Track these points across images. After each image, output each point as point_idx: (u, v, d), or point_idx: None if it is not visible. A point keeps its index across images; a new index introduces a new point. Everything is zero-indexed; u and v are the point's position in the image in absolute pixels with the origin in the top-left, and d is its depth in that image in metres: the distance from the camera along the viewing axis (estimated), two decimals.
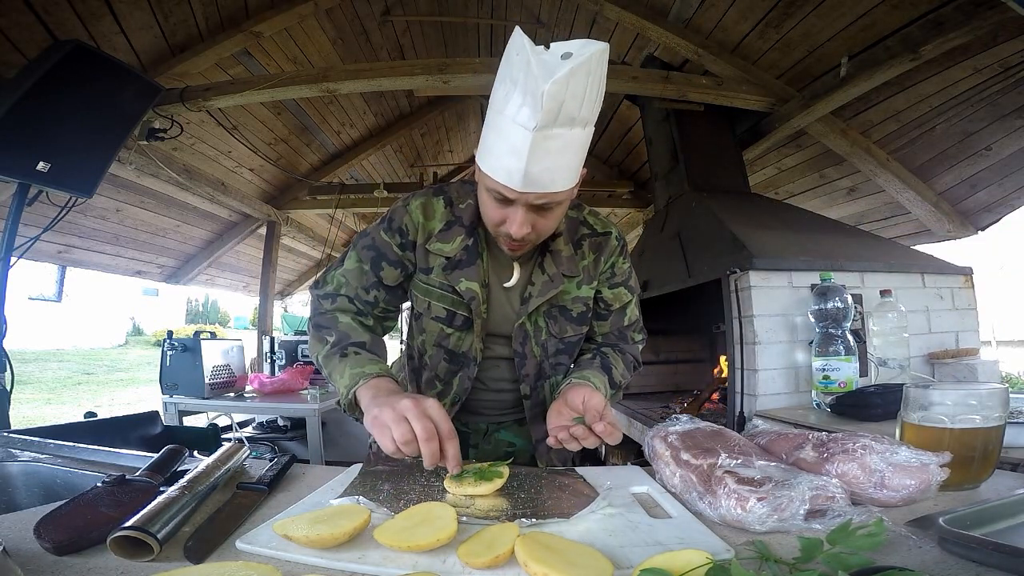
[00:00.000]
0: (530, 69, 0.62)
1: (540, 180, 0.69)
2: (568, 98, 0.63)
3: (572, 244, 0.92)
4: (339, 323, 0.87)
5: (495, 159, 0.71)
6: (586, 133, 0.70)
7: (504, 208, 0.76)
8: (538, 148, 0.66)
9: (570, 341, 0.95)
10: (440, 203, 0.89)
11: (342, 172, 4.57)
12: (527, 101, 0.64)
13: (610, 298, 0.97)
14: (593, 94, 0.66)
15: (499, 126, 0.69)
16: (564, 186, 0.72)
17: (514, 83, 0.65)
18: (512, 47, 0.66)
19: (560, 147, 0.67)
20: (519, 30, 0.65)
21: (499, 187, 0.72)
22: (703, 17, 2.53)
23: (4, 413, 1.81)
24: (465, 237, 0.87)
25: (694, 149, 2.68)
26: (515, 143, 0.67)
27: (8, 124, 1.71)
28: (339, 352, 0.82)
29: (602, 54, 0.65)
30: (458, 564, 0.48)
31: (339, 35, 3.23)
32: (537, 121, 0.64)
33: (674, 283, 2.21)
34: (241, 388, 2.87)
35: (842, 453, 0.62)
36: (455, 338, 0.91)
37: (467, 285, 0.86)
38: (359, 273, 0.90)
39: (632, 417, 2.55)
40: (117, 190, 3.20)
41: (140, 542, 0.49)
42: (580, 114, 0.66)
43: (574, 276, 0.91)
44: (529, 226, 0.76)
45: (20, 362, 2.83)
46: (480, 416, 1.00)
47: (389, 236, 0.89)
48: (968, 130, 2.35)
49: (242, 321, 20.72)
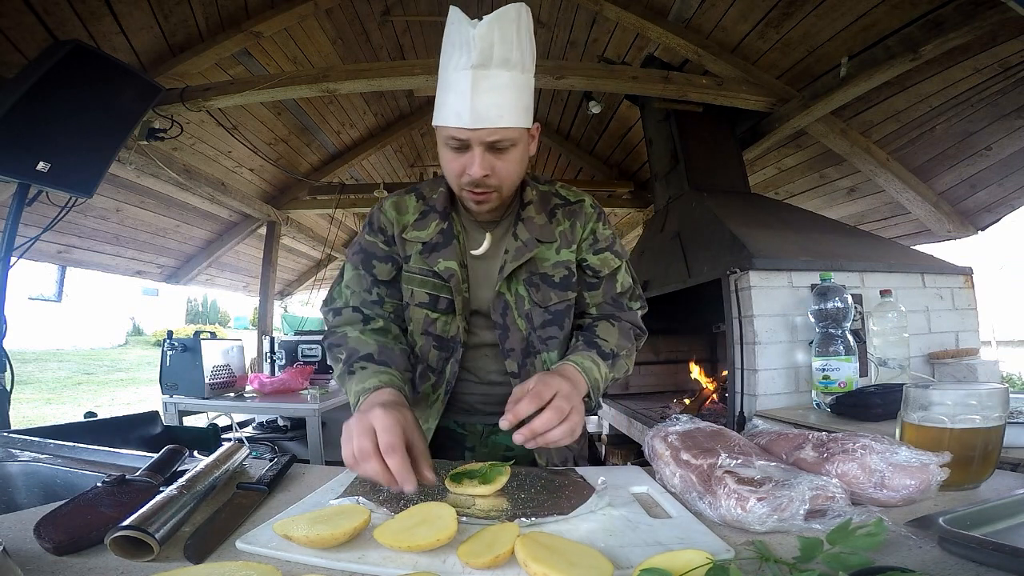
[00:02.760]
0: (462, 28, 0.75)
1: (488, 115, 0.76)
2: (497, 41, 0.74)
3: (546, 214, 0.94)
4: (348, 339, 0.89)
5: (445, 108, 0.78)
6: (525, 78, 0.79)
7: (462, 155, 0.80)
8: (480, 85, 0.75)
9: (556, 310, 0.94)
10: (412, 198, 0.96)
11: (342, 172, 4.57)
12: (463, 50, 0.75)
13: (597, 264, 0.96)
14: (523, 42, 0.77)
15: (446, 81, 0.79)
16: (512, 123, 0.78)
17: (452, 45, 0.77)
18: (449, 20, 0.78)
19: (501, 85, 0.76)
20: (453, 7, 0.77)
21: (452, 131, 0.78)
22: (703, 17, 2.53)
23: (4, 413, 1.81)
24: (440, 221, 0.92)
25: (694, 149, 2.69)
26: (460, 87, 0.76)
27: (8, 124, 1.70)
28: (347, 370, 0.84)
29: (521, 8, 0.76)
30: (458, 564, 0.48)
31: (339, 35, 3.23)
32: (472, 59, 0.74)
33: (674, 283, 2.21)
34: (241, 388, 2.86)
35: (842, 453, 0.62)
36: (441, 322, 0.93)
37: (445, 264, 0.90)
38: (358, 279, 0.94)
39: (632, 417, 2.55)
40: (117, 190, 3.21)
41: (140, 542, 0.49)
42: (513, 57, 0.76)
43: (550, 241, 0.92)
44: (488, 168, 0.79)
45: (20, 362, 2.84)
46: (475, 415, 0.99)
47: (372, 236, 0.95)
48: (968, 130, 2.35)
49: (242, 321, 20.71)
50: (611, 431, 2.98)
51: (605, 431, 3.07)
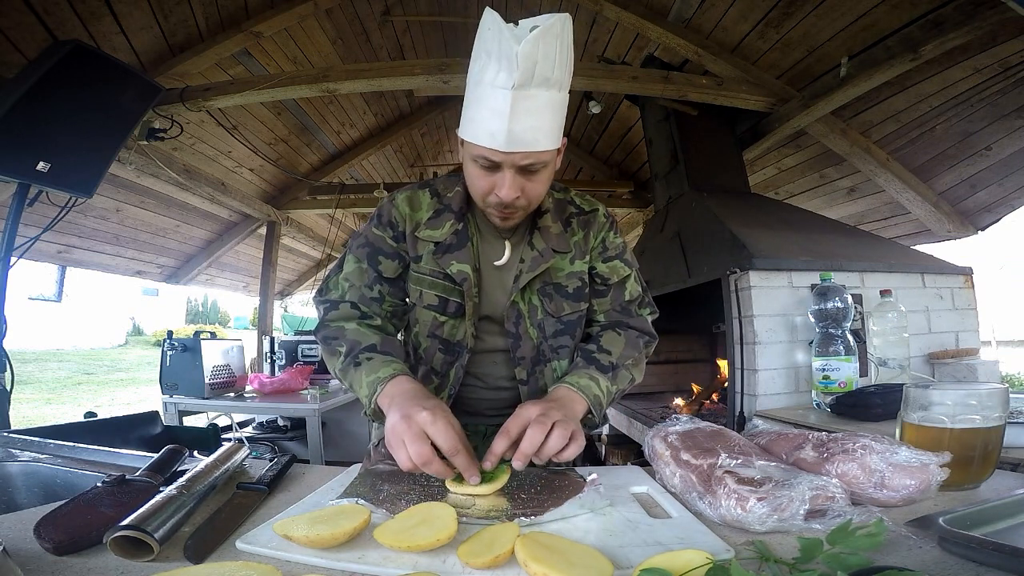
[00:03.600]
0: (503, 38, 0.68)
1: (524, 139, 0.72)
2: (540, 59, 0.68)
3: (561, 223, 0.93)
4: (346, 331, 0.86)
5: (478, 125, 0.74)
6: (562, 96, 0.75)
7: (492, 175, 0.78)
8: (519, 107, 0.70)
9: (569, 320, 0.94)
10: (426, 195, 0.92)
11: (342, 172, 4.57)
12: (503, 66, 0.69)
13: (606, 272, 0.96)
14: (563, 58, 0.71)
15: (479, 95, 0.73)
16: (547, 146, 0.75)
17: (488, 54, 0.71)
18: (484, 24, 0.71)
19: (540, 107, 0.72)
20: (490, 9, 0.71)
21: (485, 152, 0.75)
22: (703, 17, 2.53)
23: (4, 413, 1.81)
24: (455, 222, 0.89)
25: (694, 149, 2.68)
26: (496, 105, 0.71)
27: (8, 124, 1.70)
28: (352, 362, 0.82)
29: (565, 21, 0.70)
30: (458, 564, 0.48)
31: (339, 35, 3.22)
32: (515, 80, 0.68)
33: (674, 283, 2.21)
34: (241, 388, 2.86)
35: (842, 453, 0.62)
36: (449, 326, 0.91)
37: (458, 267, 0.87)
38: (359, 272, 0.91)
39: (632, 417, 2.55)
40: (117, 190, 3.20)
41: (140, 542, 0.49)
42: (554, 75, 0.71)
43: (565, 252, 0.92)
44: (518, 189, 0.77)
45: (20, 362, 2.83)
46: (479, 417, 0.99)
47: (381, 231, 0.91)
48: (968, 130, 2.35)
49: (242, 321, 20.72)
50: (611, 431, 2.98)
51: (605, 431, 3.07)
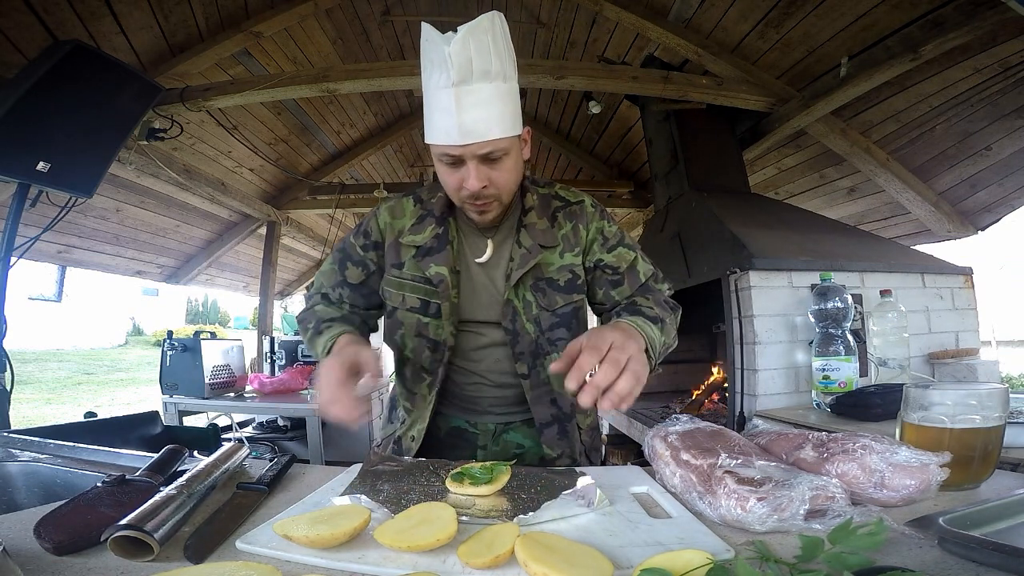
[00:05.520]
0: (437, 45, 0.74)
1: (475, 130, 0.76)
2: (474, 55, 0.73)
3: (547, 218, 0.95)
4: (316, 311, 0.97)
5: (434, 126, 0.79)
6: (508, 87, 0.79)
7: (458, 170, 0.82)
8: (464, 101, 0.75)
9: (563, 312, 0.95)
10: (409, 202, 0.97)
11: (342, 172, 4.57)
12: (441, 68, 0.75)
13: (614, 261, 0.97)
14: (500, 51, 0.76)
15: (430, 100, 0.79)
16: (501, 133, 0.78)
17: (431, 62, 0.77)
18: (423, 38, 0.78)
19: (485, 99, 0.76)
20: (424, 23, 0.77)
21: (445, 148, 0.79)
22: (703, 17, 2.53)
23: (4, 413, 1.81)
24: (436, 226, 0.93)
25: (694, 149, 2.68)
26: (444, 104, 0.76)
27: (8, 124, 1.70)
28: (315, 331, 0.92)
29: (495, 17, 0.76)
30: (458, 564, 0.48)
31: (339, 35, 3.22)
32: (452, 77, 0.73)
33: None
34: (241, 388, 2.87)
35: (842, 453, 0.62)
36: (433, 326, 0.94)
37: (436, 269, 0.91)
38: (330, 273, 1.01)
39: (632, 417, 2.55)
40: (117, 190, 3.20)
41: (140, 542, 0.49)
42: (493, 68, 0.76)
43: (553, 246, 0.93)
44: (485, 179, 0.81)
45: (20, 362, 2.83)
46: (487, 415, 1.00)
47: (355, 239, 0.98)
48: (968, 130, 2.35)
49: (242, 321, 20.70)
50: (611, 431, 2.98)
51: (605, 431, 3.07)
